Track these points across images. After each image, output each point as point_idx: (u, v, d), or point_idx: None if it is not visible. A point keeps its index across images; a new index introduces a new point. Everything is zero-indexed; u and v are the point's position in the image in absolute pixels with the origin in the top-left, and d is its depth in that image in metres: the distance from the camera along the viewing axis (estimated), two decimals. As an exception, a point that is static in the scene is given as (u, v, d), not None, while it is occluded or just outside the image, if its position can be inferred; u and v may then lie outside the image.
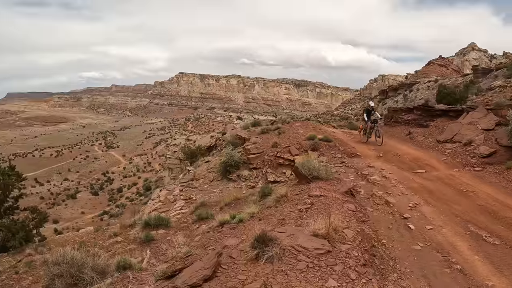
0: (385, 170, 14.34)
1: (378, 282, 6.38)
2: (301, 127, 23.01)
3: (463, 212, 10.12)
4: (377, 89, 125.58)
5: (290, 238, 6.63)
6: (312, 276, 5.64)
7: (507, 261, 7.62)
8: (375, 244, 8.06)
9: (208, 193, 18.51)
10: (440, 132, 18.87)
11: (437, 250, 8.22)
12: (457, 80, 56.71)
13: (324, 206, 8.71)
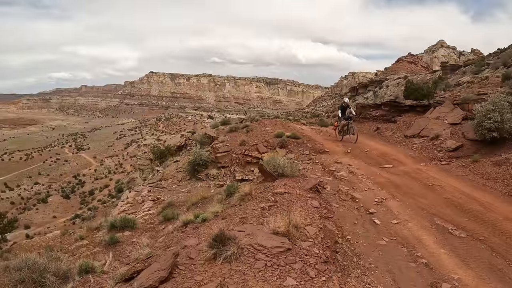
0: (353, 166, 14.52)
1: (340, 279, 6.27)
2: (269, 125, 23.20)
3: (430, 205, 10.25)
4: (348, 86, 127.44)
5: (249, 236, 6.58)
6: (270, 275, 5.58)
7: (473, 254, 7.70)
8: (338, 241, 7.99)
9: (176, 193, 18.50)
10: (407, 127, 19.31)
11: (403, 244, 8.24)
12: (426, 76, 58.35)
13: (288, 203, 8.64)
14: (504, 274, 6.95)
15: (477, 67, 44.08)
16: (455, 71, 52.41)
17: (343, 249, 7.79)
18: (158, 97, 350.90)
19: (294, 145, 18.89)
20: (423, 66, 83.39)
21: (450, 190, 11.18)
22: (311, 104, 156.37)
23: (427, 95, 23.10)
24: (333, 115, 50.64)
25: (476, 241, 8.19)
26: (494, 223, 8.89)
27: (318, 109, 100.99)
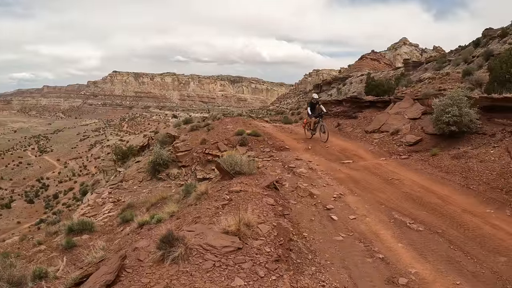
0: (313, 162, 14.61)
1: (291, 277, 6.17)
2: (230, 123, 23.53)
3: (388, 200, 10.33)
4: (312, 84, 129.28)
5: (199, 236, 6.57)
6: (218, 275, 5.60)
7: (431, 247, 7.73)
8: (293, 238, 7.91)
9: (137, 194, 18.58)
10: (368, 123, 19.68)
11: (360, 239, 8.21)
12: (389, 73, 59.79)
13: (243, 201, 8.63)
14: (462, 266, 6.98)
15: (438, 63, 45.45)
16: (417, 68, 53.85)
17: (298, 247, 7.69)
18: (121, 96, 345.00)
19: (255, 142, 19.10)
20: (386, 63, 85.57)
21: (409, 184, 11.29)
22: (276, 101, 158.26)
23: (387, 91, 23.72)
24: (297, 112, 51.09)
25: (434, 234, 8.23)
26: (452, 215, 8.99)
27: (282, 107, 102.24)
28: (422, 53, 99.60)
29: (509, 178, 10.07)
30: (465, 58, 38.23)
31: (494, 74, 17.22)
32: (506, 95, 13.98)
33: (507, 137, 12.52)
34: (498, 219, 8.67)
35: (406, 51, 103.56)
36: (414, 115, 17.36)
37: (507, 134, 12.71)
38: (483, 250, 7.48)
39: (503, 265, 6.93)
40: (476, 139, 13.50)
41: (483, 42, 43.21)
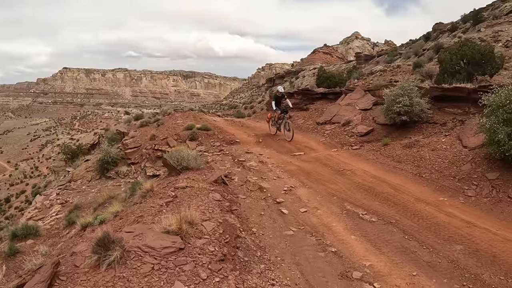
0: (263, 155, 14.43)
1: (237, 278, 5.79)
2: (181, 118, 23.10)
3: (340, 191, 10.19)
4: (265, 78, 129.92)
5: (138, 237, 6.25)
6: (157, 280, 5.29)
7: (385, 238, 7.58)
8: (240, 235, 7.54)
9: (86, 194, 17.98)
10: (319, 115, 19.74)
11: (311, 233, 7.97)
12: (341, 66, 61.01)
13: (188, 198, 8.32)
14: (418, 256, 6.86)
15: (390, 56, 46.70)
16: (369, 61, 55.13)
17: (246, 244, 7.35)
18: (72, 94, 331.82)
19: (205, 137, 18.77)
20: (339, 57, 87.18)
21: (361, 174, 11.23)
22: (229, 96, 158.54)
23: (339, 83, 24.01)
24: (250, 107, 50.86)
25: (388, 224, 8.10)
26: (405, 205, 8.92)
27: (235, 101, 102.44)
28: (374, 47, 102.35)
29: (461, 166, 10.15)
30: (416, 51, 39.38)
31: (444, 66, 17.56)
32: (456, 85, 14.24)
33: (458, 126, 12.73)
34: (452, 207, 8.68)
35: (358, 45, 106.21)
36: (365, 106, 17.51)
37: (458, 123, 12.93)
38: (438, 239, 7.40)
39: (460, 253, 6.86)
40: (427, 128, 13.69)
41: (434, 36, 44.70)
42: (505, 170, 9.12)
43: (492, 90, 9.43)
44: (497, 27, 33.71)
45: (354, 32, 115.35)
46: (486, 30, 34.04)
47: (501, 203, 8.48)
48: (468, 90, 13.41)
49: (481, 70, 15.95)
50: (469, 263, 6.57)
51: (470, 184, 9.40)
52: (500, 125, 8.72)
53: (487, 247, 6.95)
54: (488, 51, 16.75)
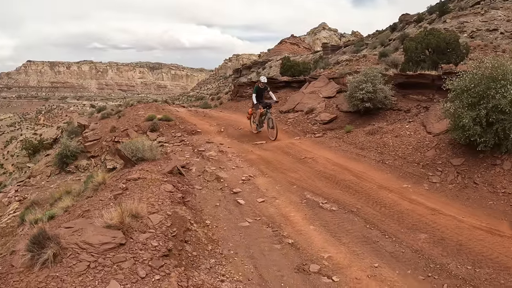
0: (224, 145, 14.14)
1: (180, 275, 5.33)
2: (143, 109, 22.88)
3: (300, 180, 9.79)
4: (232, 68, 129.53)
5: (78, 233, 5.90)
6: (91, 279, 4.93)
7: (346, 228, 7.18)
8: (191, 227, 7.06)
9: (45, 189, 17.51)
10: (283, 103, 19.47)
11: (268, 224, 7.51)
12: (308, 56, 61.13)
13: (139, 190, 7.99)
14: (380, 246, 6.49)
15: (356, 47, 47.17)
16: (335, 52, 55.29)
17: (197, 237, 6.85)
18: (37, 88, 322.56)
19: (166, 127, 18.47)
20: (306, 48, 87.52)
21: (323, 162, 10.88)
22: (196, 87, 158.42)
23: (303, 71, 23.83)
24: (217, 98, 50.04)
25: (349, 213, 7.71)
26: (368, 192, 8.57)
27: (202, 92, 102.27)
28: (341, 38, 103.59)
29: (425, 152, 9.88)
30: (382, 41, 39.85)
31: (409, 55, 17.56)
32: (421, 72, 14.23)
33: (422, 112, 12.57)
34: (416, 194, 8.38)
35: (325, 36, 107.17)
36: (329, 93, 17.37)
37: (422, 110, 12.77)
38: (402, 227, 7.04)
39: (424, 242, 6.52)
40: (391, 115, 13.53)
41: (400, 27, 45.25)
42: (470, 155, 8.87)
43: (457, 74, 9.15)
44: (462, 18, 34.22)
45: (322, 23, 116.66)
46: (451, 21, 34.53)
47: (466, 189, 8.22)
48: (432, 77, 13.36)
49: (446, 59, 15.97)
50: (434, 252, 6.22)
51: (435, 170, 9.11)
52: (464, 110, 8.44)
53: (453, 235, 6.62)
54: (453, 39, 16.82)
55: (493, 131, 8.17)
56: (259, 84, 15.71)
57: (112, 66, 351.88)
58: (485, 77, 8.39)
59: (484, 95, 8.25)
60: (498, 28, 29.52)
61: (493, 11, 32.97)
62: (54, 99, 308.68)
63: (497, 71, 8.28)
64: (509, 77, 8.14)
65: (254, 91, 15.78)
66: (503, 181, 7.97)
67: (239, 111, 22.63)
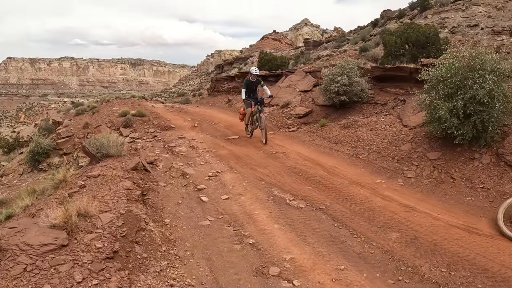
0: (196, 140, 13.75)
1: (123, 279, 4.82)
2: (118, 105, 22.43)
3: (269, 175, 9.30)
4: (214, 65, 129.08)
5: (20, 234, 5.51)
6: (26, 283, 4.53)
7: (312, 226, 6.67)
8: (144, 227, 6.52)
9: (16, 188, 16.90)
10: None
11: (230, 223, 6.99)
12: (290, 52, 60.75)
13: (96, 187, 7.57)
14: (348, 247, 5.99)
15: (338, 42, 46.96)
16: (317, 47, 55.05)
17: (151, 237, 6.32)
18: (17, 85, 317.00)
19: (140, 123, 18.06)
20: (288, 43, 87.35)
21: (294, 157, 10.44)
22: (178, 83, 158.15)
23: (281, 65, 23.45)
24: (198, 94, 49.32)
25: (317, 211, 7.21)
26: (338, 188, 8.09)
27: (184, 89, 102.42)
28: (323, 34, 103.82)
29: (401, 146, 9.45)
30: (363, 37, 39.65)
31: (389, 49, 17.18)
32: (398, 65, 13.89)
33: (399, 105, 12.14)
34: (390, 189, 7.93)
35: (308, 32, 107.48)
36: (305, 87, 16.95)
37: (399, 103, 12.38)
38: (372, 226, 6.55)
39: (396, 242, 6.04)
40: (368, 108, 13.14)
41: (381, 23, 45.10)
42: (447, 148, 8.45)
43: (433, 65, 8.71)
44: (443, 14, 34.14)
45: (304, 19, 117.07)
46: (433, 17, 34.41)
47: (443, 184, 7.79)
48: (410, 69, 13.03)
49: (426, 53, 15.62)
50: (406, 253, 5.73)
51: (410, 164, 8.68)
52: (440, 101, 8.01)
53: (427, 234, 6.15)
54: (433, 34, 16.51)
55: (471, 123, 7.73)
56: (250, 77, 13.29)
57: (93, 62, 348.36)
58: (462, 67, 7.97)
59: (461, 85, 7.83)
60: (479, 23, 29.38)
61: (474, 7, 32.92)
62: (35, 96, 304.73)
63: (475, 60, 7.86)
64: (487, 66, 7.72)
65: (244, 85, 13.30)
66: (481, 176, 7.57)
67: (215, 106, 22.29)
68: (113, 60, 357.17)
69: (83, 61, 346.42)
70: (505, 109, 7.68)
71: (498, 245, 5.81)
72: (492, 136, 7.86)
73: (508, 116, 7.92)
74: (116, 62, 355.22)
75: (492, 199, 7.06)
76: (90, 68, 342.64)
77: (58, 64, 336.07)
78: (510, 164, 7.44)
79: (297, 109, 15.17)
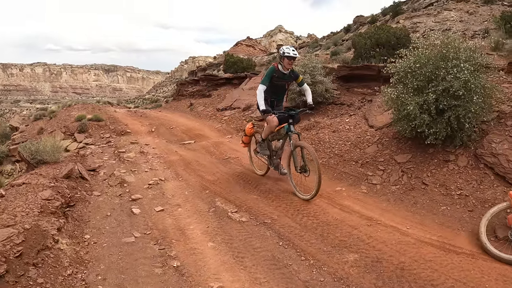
0: (150, 145, 12.92)
1: None
2: (77, 109, 21.68)
3: (216, 183, 8.14)
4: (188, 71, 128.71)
5: None
6: None
7: (253, 245, 5.43)
8: (52, 245, 5.41)
9: None
10: (221, 100, 18.61)
11: (157, 240, 5.75)
12: (263, 58, 60.25)
13: (14, 197, 6.66)
14: (292, 272, 4.74)
15: (311, 48, 46.45)
16: (290, 54, 54.63)
17: (56, 257, 5.19)
18: None
19: (96, 128, 17.24)
20: (261, 50, 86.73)
21: (248, 162, 9.21)
22: (152, 90, 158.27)
23: (247, 68, 22.63)
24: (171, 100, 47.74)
25: (261, 225, 5.96)
26: (290, 198, 6.86)
27: (158, 95, 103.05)
28: (297, 40, 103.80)
29: (365, 148, 8.30)
30: (335, 41, 39.38)
31: (358, 50, 16.40)
32: (366, 63, 13.17)
33: (366, 105, 11.05)
34: (350, 198, 6.75)
35: (282, 38, 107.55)
36: None
37: (366, 103, 11.31)
38: (325, 245, 5.30)
39: (353, 266, 4.79)
40: (333, 109, 12.05)
41: (354, 28, 45.00)
42: (417, 150, 7.33)
43: (400, 56, 7.63)
44: (415, 19, 33.85)
45: (278, 26, 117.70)
46: (405, 22, 34.04)
47: (413, 191, 6.62)
48: (378, 67, 12.02)
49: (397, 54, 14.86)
50: (364, 281, 4.48)
51: (376, 169, 7.50)
52: (409, 95, 6.89)
53: (393, 255, 4.93)
54: (403, 35, 15.76)
55: (445, 120, 6.61)
56: (280, 64, 7.24)
57: (66, 68, 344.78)
58: (433, 56, 6.88)
59: (433, 77, 6.71)
60: (451, 28, 29.00)
61: (446, 12, 32.66)
62: (7, 102, 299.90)
63: (448, 48, 6.79)
64: (462, 55, 6.64)
65: (266, 79, 7.35)
66: (458, 181, 6.42)
67: (177, 111, 21.56)
68: (86, 66, 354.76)
69: (56, 67, 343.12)
70: (483, 103, 6.55)
71: (482, 266, 4.62)
72: (469, 134, 6.74)
73: (487, 112, 6.81)
74: (90, 68, 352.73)
75: (471, 208, 5.91)
76: (63, 74, 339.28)
77: (30, 70, 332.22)
78: (491, 167, 6.29)
79: (258, 112, 14.08)
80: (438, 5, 35.87)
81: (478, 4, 32.64)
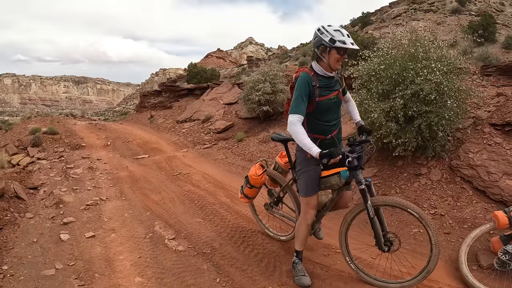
0: (101, 160, 12.35)
1: None
2: (35, 122, 21.07)
3: (159, 203, 7.29)
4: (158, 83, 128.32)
5: None
6: None
7: (187, 281, 4.48)
8: None
9: None
10: (181, 112, 18.12)
11: (79, 273, 4.86)
12: (233, 70, 60.08)
13: None
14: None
15: (280, 59, 46.40)
16: (260, 64, 54.58)
17: None
18: None
19: (50, 142, 16.60)
20: (232, 61, 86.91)
21: (198, 179, 8.50)
22: (122, 102, 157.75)
23: (211, 79, 22.08)
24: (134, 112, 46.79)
25: (199, 256, 5.02)
26: (238, 223, 5.98)
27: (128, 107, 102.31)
28: (268, 52, 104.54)
29: (328, 161, 7.58)
30: (304, 52, 39.31)
31: None
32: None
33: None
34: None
35: (252, 50, 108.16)
36: (230, 99, 15.86)
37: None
38: (271, 283, 4.41)
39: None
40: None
41: (323, 40, 45.13)
42: (384, 163, 6.61)
43: (363, 58, 6.95)
44: (384, 30, 34.03)
45: (248, 38, 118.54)
46: (373, 32, 34.23)
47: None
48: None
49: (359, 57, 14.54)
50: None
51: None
52: (373, 101, 6.17)
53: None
54: (371, 42, 15.53)
55: (415, 128, 5.88)
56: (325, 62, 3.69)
57: (36, 79, 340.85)
58: (400, 57, 6.19)
59: (400, 79, 5.99)
60: (420, 38, 29.28)
61: (414, 22, 32.93)
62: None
63: (416, 46, 6.11)
64: (433, 54, 5.97)
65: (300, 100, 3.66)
66: (431, 198, 5.68)
67: (138, 123, 20.91)
68: (56, 78, 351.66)
69: (25, 78, 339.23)
70: (458, 109, 5.86)
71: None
72: (442, 144, 6.04)
73: (462, 118, 6.12)
74: (59, 79, 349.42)
75: (448, 229, 5.15)
76: (32, 85, 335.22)
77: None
78: (469, 180, 5.56)
79: (217, 123, 13.65)
80: (406, 15, 36.28)
81: (446, 14, 33.01)
